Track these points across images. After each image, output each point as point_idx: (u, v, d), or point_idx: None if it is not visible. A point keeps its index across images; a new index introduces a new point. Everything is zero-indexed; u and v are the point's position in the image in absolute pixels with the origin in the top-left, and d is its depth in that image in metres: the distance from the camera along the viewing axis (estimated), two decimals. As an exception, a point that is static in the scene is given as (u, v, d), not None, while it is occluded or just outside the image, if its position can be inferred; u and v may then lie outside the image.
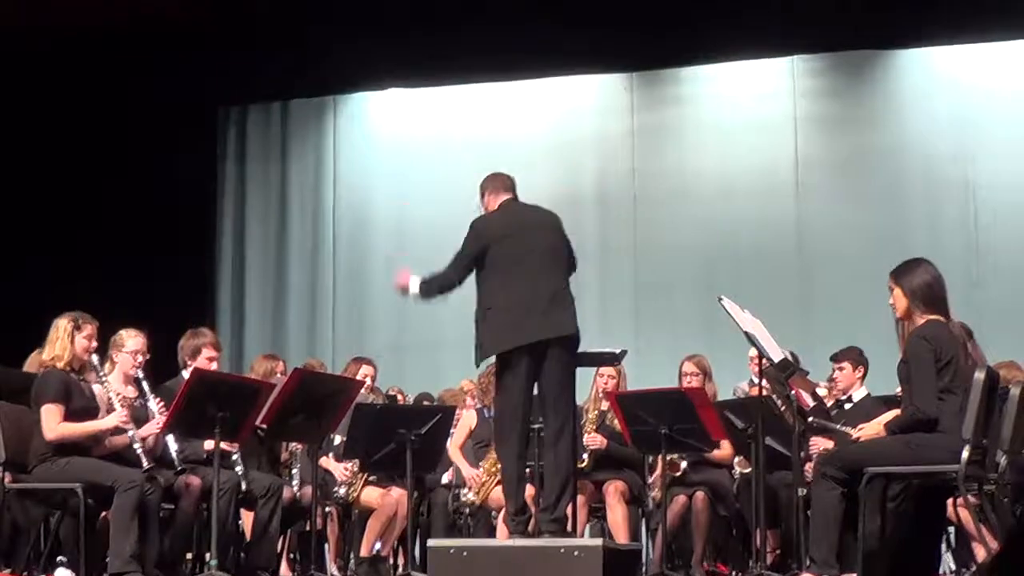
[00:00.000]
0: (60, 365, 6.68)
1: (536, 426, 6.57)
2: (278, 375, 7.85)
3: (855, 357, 7.95)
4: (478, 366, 6.67)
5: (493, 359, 6.46)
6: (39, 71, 11.39)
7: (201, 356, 7.34)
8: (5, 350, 8.11)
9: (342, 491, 7.93)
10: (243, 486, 7.04)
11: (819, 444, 7.20)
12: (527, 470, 6.64)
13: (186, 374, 7.27)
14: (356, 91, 12.71)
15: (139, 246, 11.63)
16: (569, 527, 6.41)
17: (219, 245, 12.76)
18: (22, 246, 11.45)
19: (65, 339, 6.70)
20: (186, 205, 12.10)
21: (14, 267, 11.31)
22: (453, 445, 8.29)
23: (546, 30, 11.16)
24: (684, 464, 7.82)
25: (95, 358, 6.76)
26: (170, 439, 6.74)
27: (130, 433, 6.65)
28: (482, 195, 6.69)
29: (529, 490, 6.78)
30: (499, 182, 6.68)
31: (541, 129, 12.02)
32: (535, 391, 6.36)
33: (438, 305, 11.83)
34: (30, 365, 7.73)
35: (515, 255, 6.38)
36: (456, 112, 12.43)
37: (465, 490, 8.10)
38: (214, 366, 7.32)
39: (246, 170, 12.88)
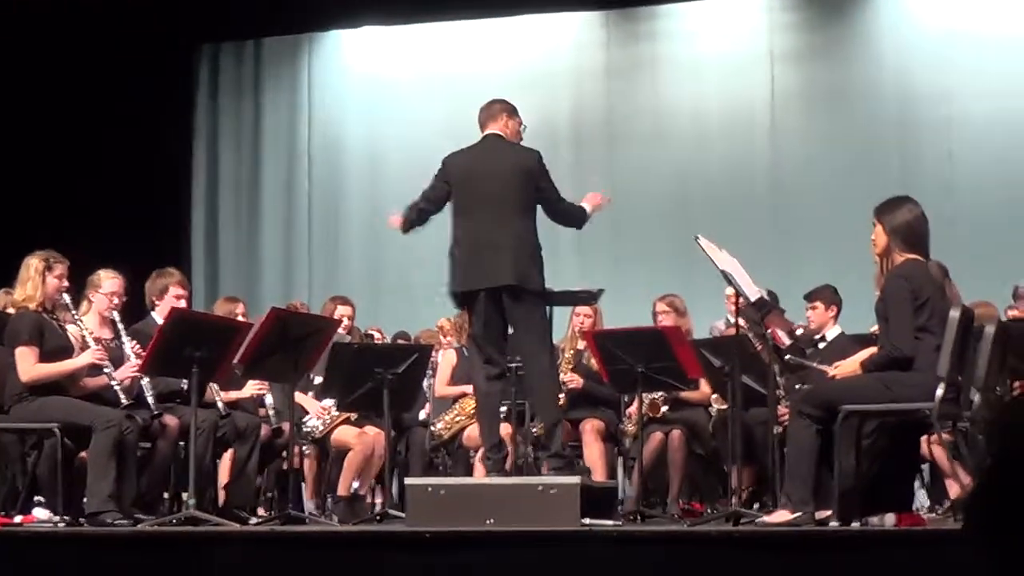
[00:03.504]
0: (32, 306, 6.64)
1: (513, 364, 6.60)
2: (238, 318, 7.81)
3: (828, 296, 7.97)
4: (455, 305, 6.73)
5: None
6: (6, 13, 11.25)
7: (168, 295, 7.30)
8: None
9: (311, 423, 7.91)
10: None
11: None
12: (502, 408, 6.69)
13: (155, 315, 7.25)
14: (330, 28, 12.61)
15: (110, 188, 11.54)
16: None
17: (192, 187, 12.69)
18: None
19: (36, 279, 6.66)
20: (158, 147, 12.00)
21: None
22: (440, 384, 8.34)
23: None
24: (665, 408, 7.85)
25: (67, 297, 6.72)
26: (145, 382, 6.72)
27: (107, 370, 6.63)
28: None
29: (506, 428, 6.82)
30: (482, 116, 6.66)
31: (516, 67, 11.95)
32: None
33: (414, 244, 11.88)
34: (-4, 304, 7.71)
35: (470, 199, 6.46)
36: (430, 50, 12.37)
37: (437, 423, 8.14)
38: (182, 304, 7.30)
39: (219, 110, 12.79)
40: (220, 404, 7.05)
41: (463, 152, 6.61)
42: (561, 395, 7.65)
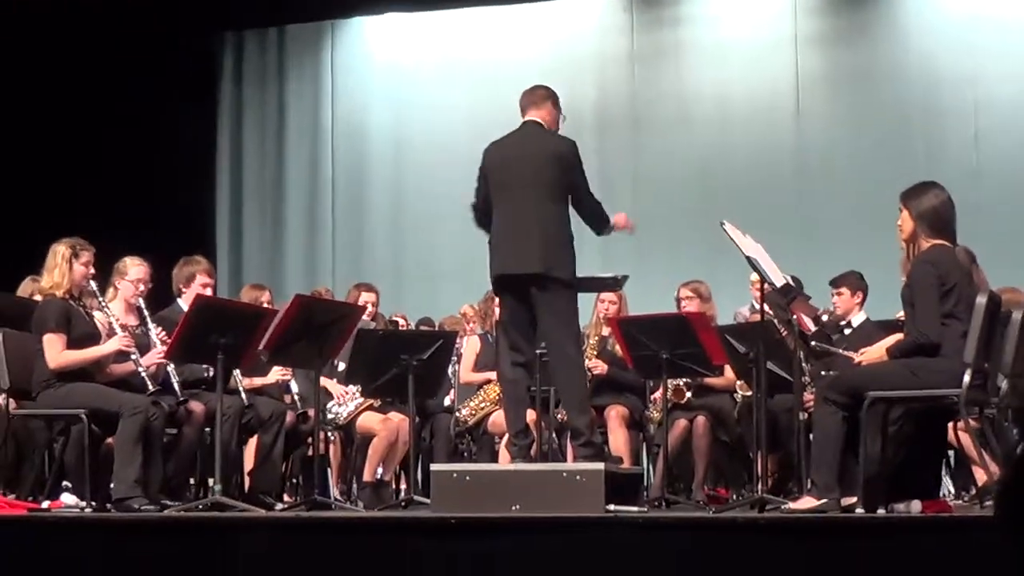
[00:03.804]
0: (60, 293, 6.67)
1: (539, 351, 6.59)
2: (264, 305, 7.83)
3: (854, 282, 7.95)
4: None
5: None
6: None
7: (195, 283, 7.34)
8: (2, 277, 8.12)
9: (335, 410, 7.93)
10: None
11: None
12: (528, 394, 6.68)
13: (181, 302, 7.29)
14: (353, 15, 12.61)
15: (134, 176, 11.56)
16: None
17: (216, 174, 12.70)
18: (18, 170, 11.38)
19: (64, 266, 6.68)
20: (182, 135, 11.99)
21: (10, 192, 11.26)
22: (464, 370, 8.35)
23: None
24: (689, 394, 7.85)
25: (94, 284, 6.75)
26: (171, 368, 6.75)
27: (133, 357, 6.66)
28: None
29: (531, 415, 6.82)
30: (524, 101, 6.59)
31: (539, 53, 11.93)
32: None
33: (437, 231, 11.91)
34: (23, 291, 7.74)
35: (503, 186, 6.42)
36: (454, 37, 12.35)
37: (462, 409, 8.16)
38: (208, 292, 7.33)
39: (243, 97, 12.80)
40: (243, 394, 7.07)
41: (500, 140, 6.55)
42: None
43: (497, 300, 6.66)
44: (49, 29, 11.44)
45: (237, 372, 7.05)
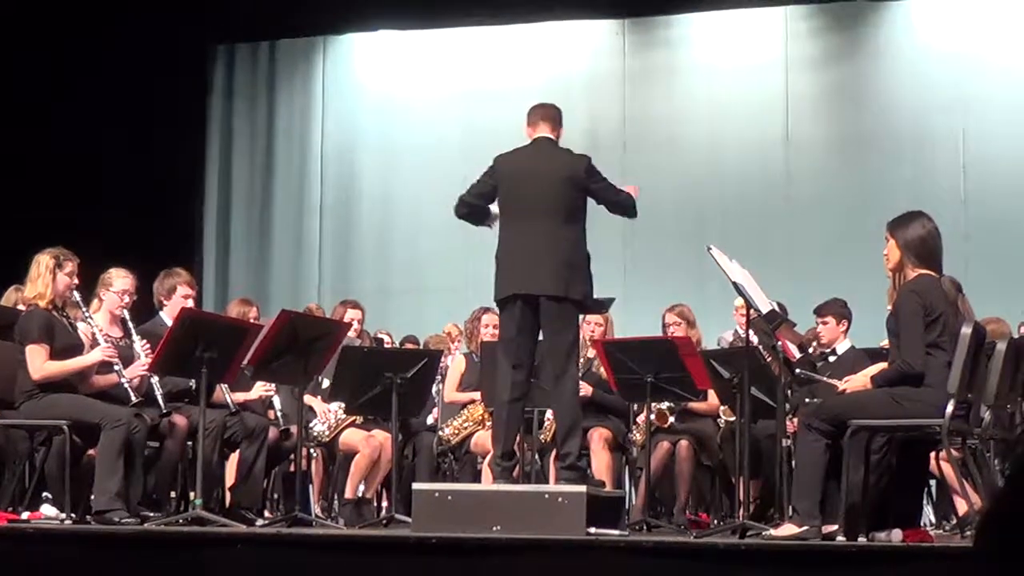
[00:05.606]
0: (43, 303, 6.65)
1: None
2: (251, 321, 7.82)
3: (838, 310, 7.98)
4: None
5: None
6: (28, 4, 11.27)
7: (176, 294, 7.31)
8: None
9: (317, 428, 7.92)
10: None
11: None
12: (522, 417, 6.63)
13: (163, 315, 7.26)
14: (345, 32, 12.63)
15: (123, 186, 11.54)
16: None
17: (205, 187, 12.68)
18: (4, 180, 11.33)
19: (47, 276, 6.66)
20: (172, 146, 11.99)
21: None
22: (449, 389, 8.33)
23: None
24: (672, 418, 7.85)
25: (77, 295, 6.73)
26: (155, 381, 6.73)
27: (116, 368, 6.63)
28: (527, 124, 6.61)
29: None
30: (537, 115, 6.54)
31: (531, 74, 11.94)
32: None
33: (424, 248, 11.92)
34: (7, 300, 7.71)
35: (516, 202, 6.37)
36: (445, 56, 12.37)
37: (445, 428, 8.14)
38: (190, 303, 7.30)
39: (233, 111, 12.80)
40: (230, 401, 7.03)
41: (514, 153, 6.50)
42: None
43: (497, 318, 6.55)
44: (40, 40, 11.43)
45: (224, 384, 7.02)
